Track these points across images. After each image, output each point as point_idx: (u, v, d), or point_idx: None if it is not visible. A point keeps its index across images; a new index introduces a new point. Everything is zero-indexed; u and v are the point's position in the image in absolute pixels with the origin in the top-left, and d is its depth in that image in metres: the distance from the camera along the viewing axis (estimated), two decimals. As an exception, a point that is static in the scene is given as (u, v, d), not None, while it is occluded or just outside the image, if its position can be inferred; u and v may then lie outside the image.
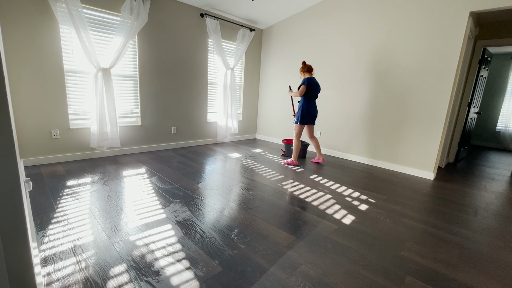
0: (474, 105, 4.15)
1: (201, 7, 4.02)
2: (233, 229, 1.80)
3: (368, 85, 3.68)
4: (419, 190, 2.80)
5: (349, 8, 3.75)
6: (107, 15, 3.16)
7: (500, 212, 2.35)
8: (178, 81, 4.01)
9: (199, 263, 1.43)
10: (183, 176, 2.83)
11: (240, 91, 5.11)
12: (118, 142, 3.38)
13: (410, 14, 3.19)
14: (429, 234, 1.89)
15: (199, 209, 2.08)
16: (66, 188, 2.33)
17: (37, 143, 2.92)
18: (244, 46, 4.63)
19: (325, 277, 1.37)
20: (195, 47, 4.12)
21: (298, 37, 4.48)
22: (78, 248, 1.50)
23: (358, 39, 3.70)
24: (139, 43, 3.49)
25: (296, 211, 2.13)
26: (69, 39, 2.89)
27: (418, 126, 3.26)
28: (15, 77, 2.68)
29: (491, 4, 2.65)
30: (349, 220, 2.03)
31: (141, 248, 1.53)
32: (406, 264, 1.52)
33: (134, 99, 3.62)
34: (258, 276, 1.35)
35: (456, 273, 1.47)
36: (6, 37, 2.56)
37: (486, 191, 2.90)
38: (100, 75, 3.10)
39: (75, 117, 3.15)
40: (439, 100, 3.07)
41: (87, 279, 1.27)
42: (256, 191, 2.52)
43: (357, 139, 3.89)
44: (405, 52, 3.28)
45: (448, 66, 2.98)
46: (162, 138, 4.01)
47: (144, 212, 1.98)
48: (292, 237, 1.74)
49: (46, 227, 1.69)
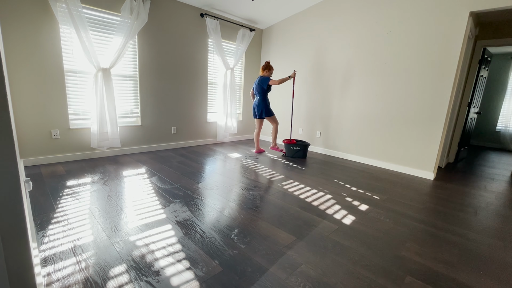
0: (474, 105, 4.15)
1: (201, 7, 4.02)
2: (233, 229, 1.80)
3: (367, 85, 3.68)
4: (419, 190, 2.80)
5: (349, 8, 3.75)
6: (107, 15, 3.16)
7: (500, 212, 2.35)
8: (178, 81, 4.01)
9: (199, 263, 1.43)
10: (183, 176, 2.83)
11: (240, 91, 5.12)
12: (118, 142, 3.38)
13: (410, 14, 3.19)
14: (429, 234, 1.89)
15: (199, 209, 2.08)
16: (66, 188, 2.33)
17: (37, 143, 2.92)
18: (244, 46, 4.63)
19: (325, 277, 1.37)
20: (195, 47, 4.12)
21: (298, 37, 4.48)
22: (78, 248, 1.50)
23: (358, 39, 3.70)
24: (139, 43, 3.49)
25: (296, 211, 2.13)
26: (69, 39, 2.89)
27: (418, 126, 3.26)
28: (15, 77, 2.68)
29: (491, 4, 2.65)
30: (349, 220, 2.03)
31: (141, 248, 1.53)
32: (406, 264, 1.52)
33: (134, 99, 3.62)
34: (258, 276, 1.35)
35: (456, 273, 1.47)
36: (6, 37, 2.56)
37: (486, 191, 2.90)
38: (100, 75, 3.10)
39: (75, 117, 3.15)
40: (439, 100, 3.07)
41: (87, 279, 1.27)
42: (256, 191, 2.52)
43: (357, 139, 3.89)
44: (405, 52, 3.28)
45: (448, 66, 2.98)
46: (162, 138, 4.01)
47: (144, 212, 1.98)
48: (292, 237, 1.74)
49: (46, 227, 1.69)
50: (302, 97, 4.56)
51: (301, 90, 4.55)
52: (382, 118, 3.58)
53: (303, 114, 4.58)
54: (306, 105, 4.51)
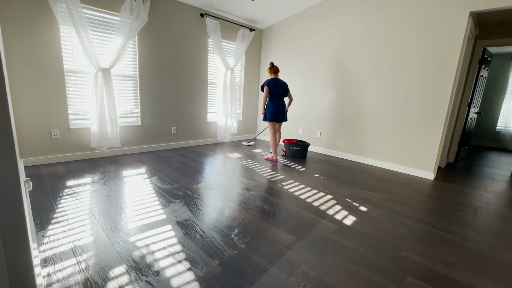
0: (474, 105, 4.15)
1: (201, 7, 4.02)
2: (233, 229, 1.80)
3: (367, 85, 3.67)
4: (419, 190, 2.80)
5: (349, 8, 3.75)
6: (107, 15, 3.16)
7: (500, 212, 2.35)
8: (178, 81, 4.01)
9: (199, 263, 1.43)
10: (183, 176, 2.83)
11: (240, 91, 5.11)
12: (118, 142, 3.38)
13: (410, 14, 3.19)
14: (429, 234, 1.89)
15: (199, 209, 2.08)
16: (66, 188, 2.33)
17: (37, 143, 2.92)
18: (244, 46, 4.62)
19: (325, 277, 1.37)
20: (195, 47, 4.12)
21: (298, 37, 4.48)
22: (78, 248, 1.50)
23: (358, 39, 3.70)
24: (139, 43, 3.48)
25: (296, 211, 2.13)
26: (69, 39, 2.89)
27: (418, 126, 3.26)
28: (15, 77, 2.68)
29: (491, 4, 2.65)
30: (349, 220, 2.02)
31: (141, 249, 1.53)
32: (406, 264, 1.52)
33: (134, 99, 3.62)
34: (258, 276, 1.35)
35: (456, 273, 1.47)
36: (6, 37, 2.56)
37: (486, 191, 2.90)
38: (100, 75, 3.10)
39: (75, 117, 3.15)
40: (439, 100, 3.07)
41: (87, 279, 1.27)
42: (256, 191, 2.52)
43: (357, 139, 3.89)
44: (405, 52, 3.28)
45: (448, 66, 2.98)
46: (162, 138, 4.01)
47: (144, 212, 1.98)
48: (292, 237, 1.74)
49: (46, 227, 1.69)
50: (302, 97, 4.56)
51: (301, 90, 4.55)
52: (381, 118, 3.58)
53: (303, 114, 4.58)
54: (306, 105, 4.51)
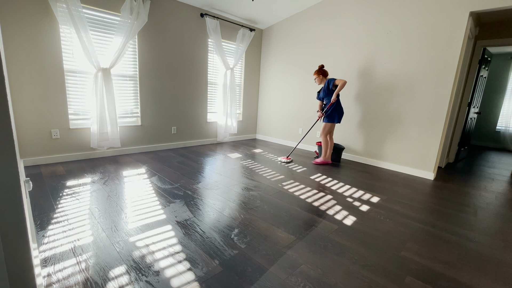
0: (474, 105, 4.15)
1: (201, 7, 4.02)
2: (233, 229, 1.80)
3: (368, 85, 3.67)
4: (419, 190, 2.80)
5: (349, 8, 3.75)
6: (107, 15, 3.16)
7: (500, 212, 2.35)
8: (178, 81, 4.01)
9: (199, 263, 1.43)
10: (183, 176, 2.83)
11: (240, 91, 5.11)
12: (118, 142, 3.38)
13: (410, 14, 3.19)
14: (429, 234, 1.89)
15: (199, 209, 2.08)
16: (66, 188, 2.33)
17: (37, 143, 2.92)
18: (244, 46, 4.62)
19: (325, 277, 1.37)
20: (195, 47, 4.12)
21: (298, 37, 4.48)
22: (78, 248, 1.50)
23: (358, 39, 3.70)
24: (139, 43, 3.48)
25: (296, 211, 2.13)
26: (69, 39, 2.89)
27: (418, 126, 3.26)
28: (15, 77, 2.68)
29: (491, 4, 2.65)
30: (349, 220, 2.02)
31: (141, 249, 1.53)
32: (406, 264, 1.52)
33: (134, 99, 3.62)
34: (258, 276, 1.35)
35: (456, 273, 1.47)
36: (6, 37, 2.56)
37: (486, 191, 2.90)
38: (100, 75, 3.10)
39: (75, 117, 3.15)
40: (439, 100, 3.07)
41: (87, 279, 1.27)
42: (256, 191, 2.52)
43: (357, 139, 3.89)
44: (405, 52, 3.28)
45: (448, 66, 2.98)
46: (162, 138, 4.00)
47: (144, 212, 1.98)
48: (292, 237, 1.74)
49: (46, 227, 1.69)
50: (302, 97, 4.56)
51: (301, 90, 4.55)
52: (382, 118, 3.58)
53: (303, 114, 4.58)
54: (306, 105, 4.51)
